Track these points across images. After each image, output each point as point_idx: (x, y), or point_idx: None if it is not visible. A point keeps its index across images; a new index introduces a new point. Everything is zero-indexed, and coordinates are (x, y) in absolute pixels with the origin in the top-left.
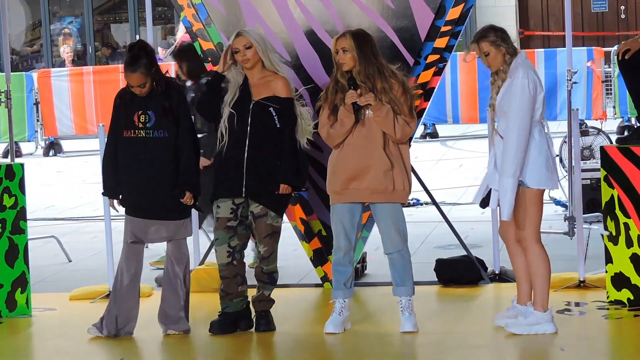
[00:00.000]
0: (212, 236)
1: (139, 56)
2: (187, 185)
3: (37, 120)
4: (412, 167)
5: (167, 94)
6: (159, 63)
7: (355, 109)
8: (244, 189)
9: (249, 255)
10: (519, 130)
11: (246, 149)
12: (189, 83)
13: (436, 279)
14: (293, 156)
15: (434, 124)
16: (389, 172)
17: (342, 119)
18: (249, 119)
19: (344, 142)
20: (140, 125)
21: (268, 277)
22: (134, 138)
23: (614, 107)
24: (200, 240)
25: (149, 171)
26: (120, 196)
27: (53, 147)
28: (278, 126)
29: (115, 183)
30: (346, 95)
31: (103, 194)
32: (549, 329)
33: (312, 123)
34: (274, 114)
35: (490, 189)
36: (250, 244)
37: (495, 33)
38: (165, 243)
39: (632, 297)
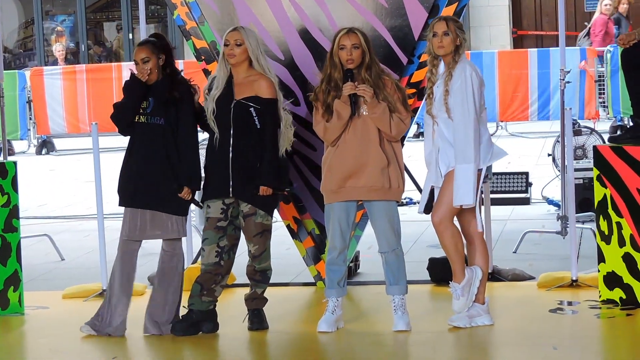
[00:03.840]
0: None
1: (152, 40)
2: (186, 180)
3: (30, 119)
4: (405, 166)
5: (175, 86)
6: None
7: (352, 101)
8: (230, 190)
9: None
10: (471, 119)
11: (230, 149)
12: None
13: (429, 278)
14: (273, 158)
15: None
16: (386, 170)
17: (339, 111)
18: (231, 119)
19: (340, 140)
20: (141, 111)
21: (260, 275)
22: (137, 123)
23: (607, 106)
24: (193, 239)
25: (144, 158)
26: (119, 187)
27: (46, 146)
28: (258, 127)
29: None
30: (343, 86)
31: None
32: (487, 321)
33: (293, 129)
34: (254, 114)
35: (432, 191)
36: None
37: (461, 24)
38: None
39: (624, 296)
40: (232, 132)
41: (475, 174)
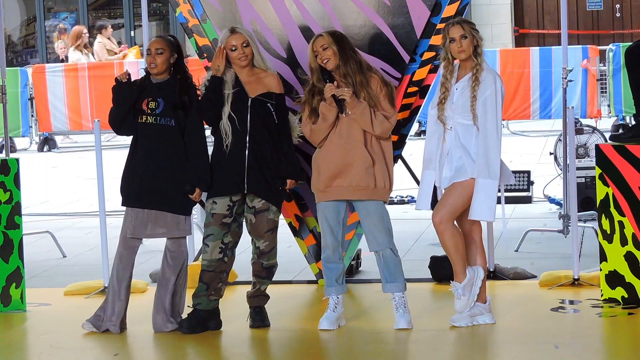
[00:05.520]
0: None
1: (169, 37)
2: (198, 182)
3: (32, 116)
4: (407, 164)
5: (186, 90)
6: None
7: (337, 101)
8: (245, 186)
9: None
10: (499, 133)
11: (247, 146)
12: None
13: (430, 276)
14: (292, 150)
15: None
16: (371, 169)
17: (324, 114)
18: (248, 116)
19: (327, 140)
20: (149, 111)
21: (267, 272)
22: (144, 124)
23: (608, 105)
24: (194, 236)
25: (152, 159)
26: (122, 187)
27: (47, 143)
28: (277, 121)
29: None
30: (325, 88)
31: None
32: (488, 319)
33: (297, 118)
34: (272, 109)
35: (435, 189)
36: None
37: (474, 25)
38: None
39: (626, 295)
40: (248, 129)
41: (496, 191)
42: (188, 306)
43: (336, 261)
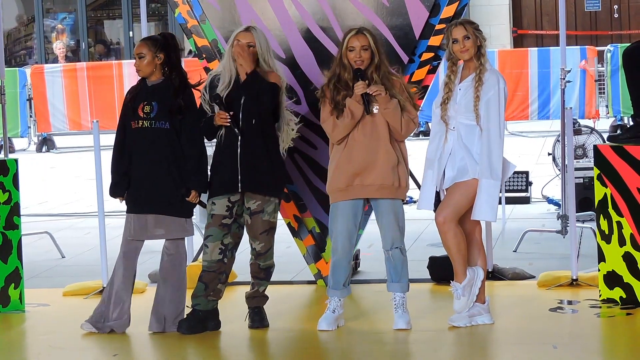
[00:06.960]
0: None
1: (156, 36)
2: (194, 184)
3: (30, 116)
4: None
5: (180, 92)
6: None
7: (365, 101)
8: (239, 185)
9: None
10: (502, 134)
11: (239, 144)
12: None
13: (429, 277)
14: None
15: (427, 122)
16: (396, 168)
17: (352, 110)
18: (240, 115)
19: (348, 138)
20: (144, 116)
21: (264, 273)
22: (138, 129)
23: (606, 106)
24: (194, 237)
25: (149, 162)
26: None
27: (46, 143)
28: (277, 113)
29: (119, 180)
30: (355, 86)
31: (110, 194)
32: (487, 320)
33: (296, 128)
34: (267, 103)
35: (437, 191)
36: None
37: (477, 25)
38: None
39: (624, 296)
40: (240, 128)
41: (498, 191)
42: (187, 306)
43: (345, 265)
